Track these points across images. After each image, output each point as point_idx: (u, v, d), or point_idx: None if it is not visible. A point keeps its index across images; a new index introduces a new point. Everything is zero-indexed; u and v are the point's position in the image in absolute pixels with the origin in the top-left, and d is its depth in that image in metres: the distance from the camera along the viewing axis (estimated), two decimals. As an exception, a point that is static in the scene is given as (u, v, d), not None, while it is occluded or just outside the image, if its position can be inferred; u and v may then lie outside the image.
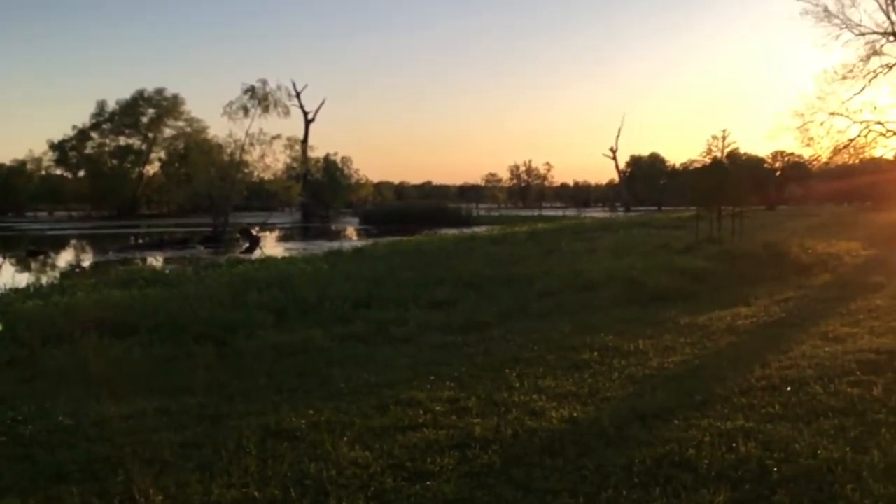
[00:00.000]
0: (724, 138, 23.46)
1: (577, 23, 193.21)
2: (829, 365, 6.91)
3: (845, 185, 66.50)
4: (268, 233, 50.19)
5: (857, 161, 44.75)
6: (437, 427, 5.44)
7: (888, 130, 38.71)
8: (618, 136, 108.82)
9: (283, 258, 22.20)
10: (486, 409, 5.92)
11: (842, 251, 19.15)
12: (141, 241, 42.61)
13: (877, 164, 48.22)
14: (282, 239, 47.34)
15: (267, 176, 48.33)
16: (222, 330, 9.38)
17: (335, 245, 30.81)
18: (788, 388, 6.09)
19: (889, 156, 44.92)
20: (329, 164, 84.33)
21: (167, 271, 18.96)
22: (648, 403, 5.84)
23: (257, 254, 31.19)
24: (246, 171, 46.31)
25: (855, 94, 38.33)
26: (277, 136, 45.98)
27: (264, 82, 45.23)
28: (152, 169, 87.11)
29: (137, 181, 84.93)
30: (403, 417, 5.70)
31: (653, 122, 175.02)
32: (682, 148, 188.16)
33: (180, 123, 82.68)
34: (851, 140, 39.31)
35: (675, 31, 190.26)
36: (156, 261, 29.66)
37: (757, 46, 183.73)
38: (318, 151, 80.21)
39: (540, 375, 7.01)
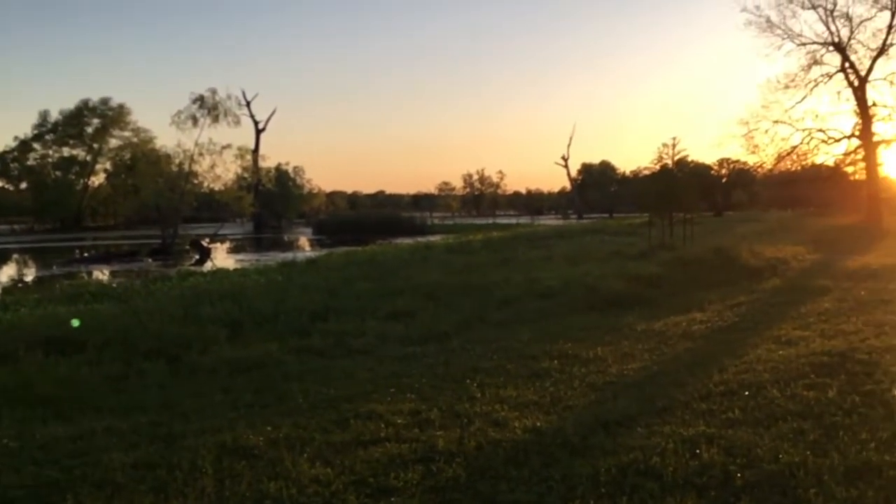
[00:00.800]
0: (674, 146, 23.88)
1: (527, 33, 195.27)
2: (784, 368, 7.02)
3: (788, 191, 68.16)
4: (218, 244, 49.31)
5: (799, 168, 45.93)
6: (400, 441, 5.35)
7: (829, 138, 39.89)
8: (569, 145, 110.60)
9: (236, 270, 21.82)
10: (448, 420, 5.84)
11: (789, 255, 19.63)
12: (87, 254, 41.48)
13: (818, 171, 49.55)
14: (233, 250, 46.62)
15: (217, 186, 47.54)
16: (174, 345, 9.10)
17: (289, 256, 30.43)
18: (746, 393, 6.16)
19: (830, 162, 46.18)
20: (281, 173, 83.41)
21: (115, 285, 18.45)
22: (611, 411, 5.84)
23: (208, 266, 30.65)
24: (195, 181, 45.52)
25: (797, 103, 39.43)
26: (228, 146, 45.30)
27: (213, 91, 44.60)
28: (98, 180, 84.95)
29: (82, 193, 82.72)
30: (364, 432, 5.60)
31: (603, 131, 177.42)
32: (632, 155, 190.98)
33: (127, 133, 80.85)
34: (794, 147, 40.41)
35: (623, 41, 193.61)
36: (102, 274, 28.93)
37: (704, 56, 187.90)
38: (269, 161, 79.18)
39: (501, 385, 6.97)
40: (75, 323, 10.11)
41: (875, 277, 14.42)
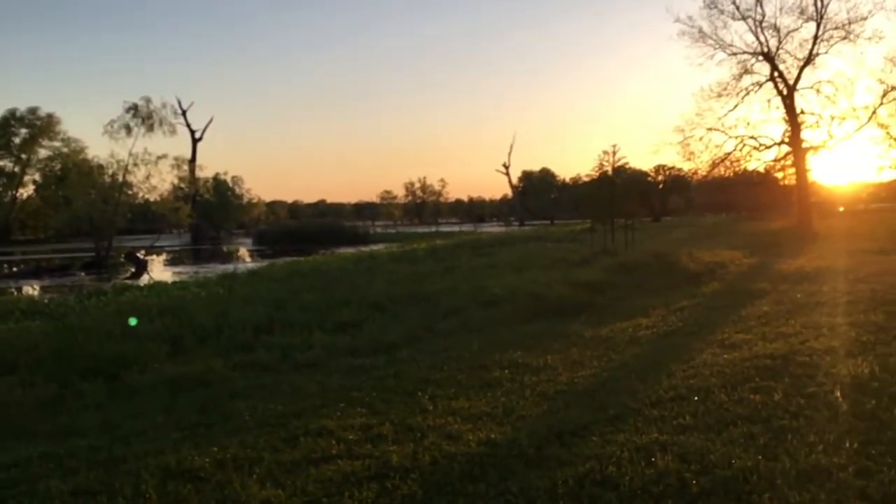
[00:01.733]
0: (614, 153, 24.27)
1: (466, 42, 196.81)
2: (730, 372, 7.13)
3: (722, 196, 70.14)
4: (155, 256, 48.10)
5: (732, 174, 47.22)
6: (352, 457, 5.23)
7: (761, 145, 41.14)
8: (510, 152, 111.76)
9: (175, 283, 21.24)
10: (401, 435, 5.75)
11: (726, 259, 20.13)
12: (15, 268, 39.80)
13: (749, 177, 51.01)
14: (170, 262, 45.46)
15: (153, 197, 46.25)
16: (112, 364, 8.76)
17: (229, 267, 29.82)
18: (696, 398, 6.23)
19: (761, 168, 47.61)
20: (219, 183, 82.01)
21: (47, 301, 17.76)
22: (564, 420, 5.83)
23: (145, 279, 29.80)
24: (130, 192, 44.18)
25: (729, 111, 40.59)
26: (163, 156, 44.16)
27: (148, 100, 43.39)
28: (26, 192, 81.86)
29: (10, 205, 79.53)
30: (315, 449, 5.46)
31: (543, 138, 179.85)
32: (571, 162, 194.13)
33: (56, 144, 78.05)
34: (728, 154, 41.55)
35: (562, 49, 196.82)
36: (33, 290, 27.74)
37: (641, 65, 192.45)
38: (207, 171, 77.85)
39: (453, 396, 6.90)
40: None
41: (809, 280, 14.87)
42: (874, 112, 40.46)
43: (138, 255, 40.03)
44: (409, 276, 17.32)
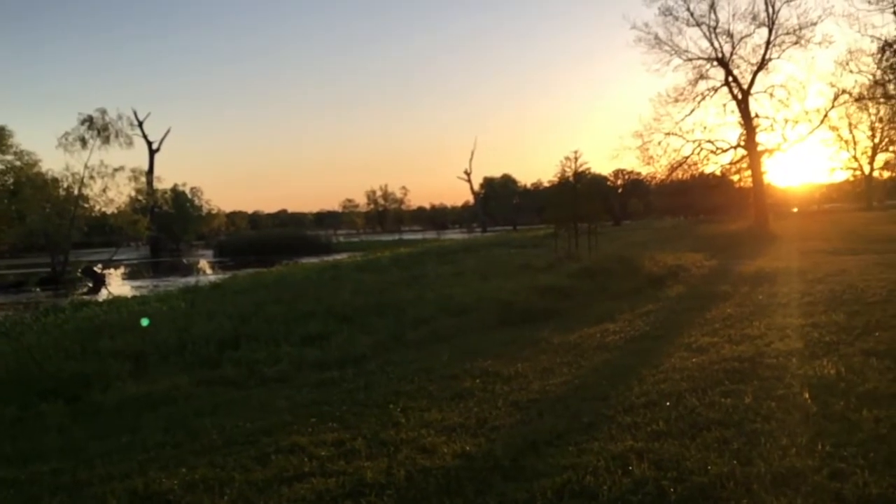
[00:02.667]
0: (576, 159, 24.45)
1: (426, 50, 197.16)
2: (700, 376, 7.17)
3: (680, 199, 71.24)
4: (112, 270, 47.17)
5: (689, 177, 47.95)
6: (326, 475, 5.13)
7: (718, 148, 41.90)
8: (471, 159, 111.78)
9: (135, 298, 20.82)
10: (374, 449, 5.66)
11: (688, 262, 20.37)
12: (-33, 286, 38.73)
13: (706, 180, 51.87)
14: (129, 276, 44.61)
15: (110, 210, 45.39)
16: (74, 384, 8.53)
17: (190, 280, 29.35)
18: (668, 403, 6.25)
19: (717, 171, 48.42)
20: (178, 195, 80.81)
21: (1, 319, 17.26)
22: (538, 430, 5.80)
23: (103, 294, 29.18)
24: (86, 205, 43.27)
25: (686, 115, 41.30)
26: (120, 168, 43.42)
27: (103, 112, 42.69)
28: (-23, 207, 79.69)
29: (-40, 221, 77.43)
30: (287, 467, 5.35)
31: (503, 145, 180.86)
32: (532, 168, 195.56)
33: (8, 157, 75.85)
34: (686, 158, 42.22)
35: (521, 56, 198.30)
36: (-14, 308, 26.98)
37: (600, 71, 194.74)
38: (165, 183, 76.73)
39: (425, 408, 6.83)
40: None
41: (770, 281, 15.11)
42: (826, 115, 41.51)
43: (96, 269, 39.26)
44: (375, 286, 17.20)
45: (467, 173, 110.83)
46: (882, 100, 40.68)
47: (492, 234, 68.77)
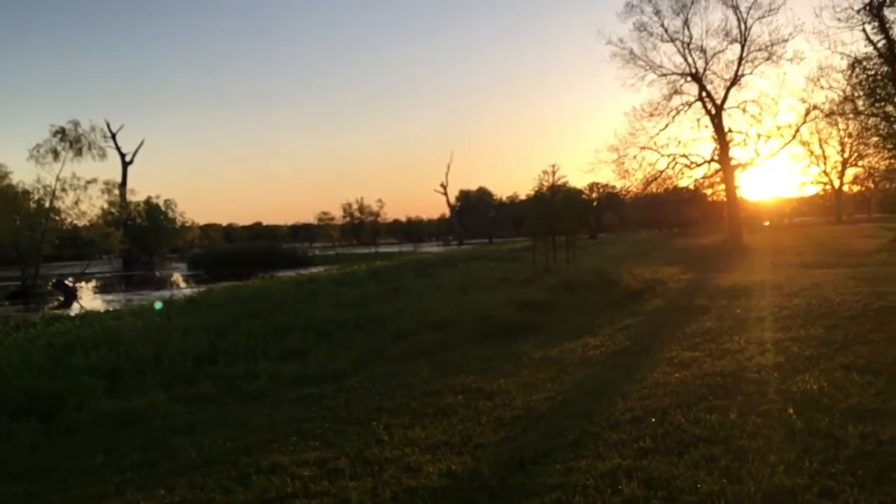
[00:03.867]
0: (553, 173, 24.55)
1: (400, 63, 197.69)
2: (683, 392, 7.16)
3: (655, 212, 71.86)
4: (84, 283, 46.44)
5: (662, 191, 48.36)
6: (309, 496, 5.03)
7: (692, 163, 42.29)
8: (447, 172, 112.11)
9: (108, 312, 20.44)
10: (358, 469, 5.56)
11: (665, 276, 20.44)
12: (-67, 300, 37.91)
13: (679, 194, 52.38)
14: (102, 290, 43.91)
15: (82, 223, 44.77)
16: (46, 402, 8.32)
17: (165, 294, 28.95)
18: (653, 419, 6.22)
19: (691, 185, 48.89)
20: (151, 207, 79.93)
21: (-30, 335, 16.83)
22: (524, 447, 5.74)
23: (75, 308, 28.67)
24: (57, 218, 42.64)
25: (661, 130, 41.66)
26: (93, 181, 42.89)
27: (76, 123, 42.25)
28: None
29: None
30: (269, 488, 5.24)
31: (479, 158, 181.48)
32: (508, 181, 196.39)
33: (-23, 170, 75.06)
34: (661, 172, 42.56)
35: (497, 69, 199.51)
36: (-47, 323, 26.37)
37: (576, 85, 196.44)
38: (139, 195, 75.84)
39: (408, 425, 6.74)
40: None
41: (747, 295, 15.20)
42: (797, 130, 42.11)
43: (67, 282, 38.63)
44: (353, 300, 17.08)
45: (443, 186, 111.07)
46: (851, 115, 41.30)
47: (468, 247, 68.81)
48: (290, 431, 6.81)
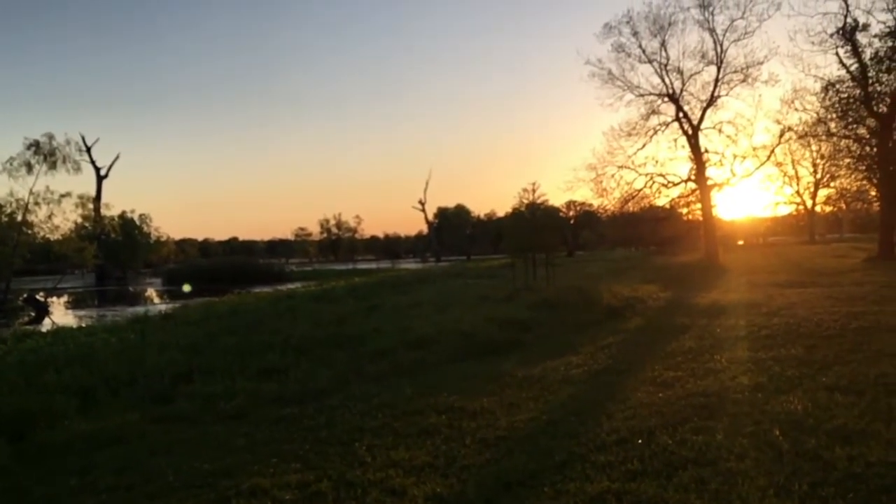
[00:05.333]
0: (534, 190, 24.62)
1: (379, 78, 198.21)
2: (668, 412, 7.12)
3: (631, 231, 72.37)
4: (56, 299, 45.68)
5: (639, 209, 48.81)
6: (291, 520, 4.89)
7: (669, 182, 42.72)
8: (426, 189, 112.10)
9: (81, 329, 20.05)
10: (341, 492, 5.44)
11: (644, 294, 20.53)
12: None
13: (655, 212, 52.89)
14: (74, 305, 43.23)
15: (55, 237, 44.05)
16: (17, 421, 8.04)
17: (139, 310, 28.51)
18: (639, 441, 6.16)
19: (667, 204, 49.33)
20: (126, 222, 78.98)
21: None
22: (510, 469, 5.65)
23: (47, 324, 28.15)
24: (30, 232, 41.94)
25: (639, 149, 42.13)
26: (67, 194, 42.27)
27: (50, 136, 41.62)
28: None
29: None
30: (250, 512, 5.09)
31: (457, 175, 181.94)
32: (485, 199, 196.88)
33: (-52, 182, 73.88)
34: (639, 190, 42.95)
35: (475, 87, 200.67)
36: (-80, 338, 25.72)
37: (554, 104, 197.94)
38: (113, 209, 74.83)
39: (391, 446, 6.63)
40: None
41: (726, 314, 15.29)
42: (772, 151, 42.76)
43: (39, 297, 37.95)
44: (332, 317, 16.91)
45: (422, 203, 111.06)
46: (824, 137, 42.07)
47: (446, 264, 68.74)
48: (271, 452, 6.66)
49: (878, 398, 7.01)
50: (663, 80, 41.16)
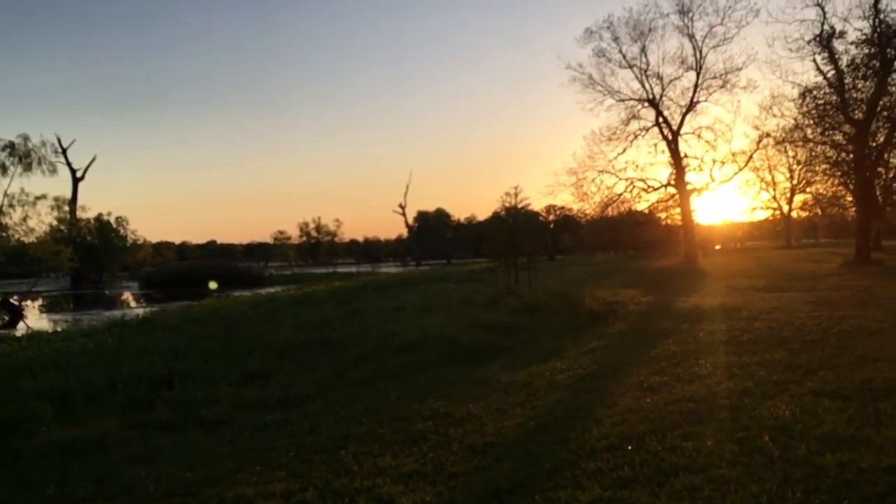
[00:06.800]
0: (516, 194, 24.63)
1: (359, 82, 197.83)
2: (656, 417, 7.08)
3: (610, 235, 72.85)
4: (31, 302, 44.99)
5: (617, 213, 49.09)
6: (277, 530, 4.77)
7: (649, 187, 43.00)
8: (406, 192, 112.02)
9: (57, 333, 19.71)
10: (328, 501, 5.33)
11: (626, 298, 20.58)
12: None
13: (634, 217, 53.23)
14: (49, 309, 42.55)
15: (30, 239, 43.47)
16: (-9, 429, 7.87)
17: (116, 314, 28.12)
18: (629, 447, 6.10)
19: (646, 209, 49.64)
20: (102, 224, 77.97)
21: None
22: (499, 477, 5.57)
23: (22, 328, 27.67)
24: (4, 234, 41.35)
25: (619, 154, 42.38)
26: (42, 197, 41.77)
27: (26, 138, 41.13)
28: None
29: None
30: (234, 522, 4.97)
31: (437, 178, 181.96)
32: (466, 203, 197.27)
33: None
34: (619, 195, 43.19)
35: (458, 90, 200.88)
36: None
37: (534, 108, 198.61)
38: (90, 212, 73.95)
39: (377, 453, 6.52)
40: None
41: (708, 318, 15.32)
42: (750, 157, 43.17)
43: (13, 301, 37.33)
44: (314, 321, 16.75)
45: (402, 206, 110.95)
46: (801, 143, 42.52)
47: (427, 268, 68.61)
48: (254, 460, 6.54)
49: (865, 403, 7.02)
50: (643, 86, 41.49)
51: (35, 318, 34.34)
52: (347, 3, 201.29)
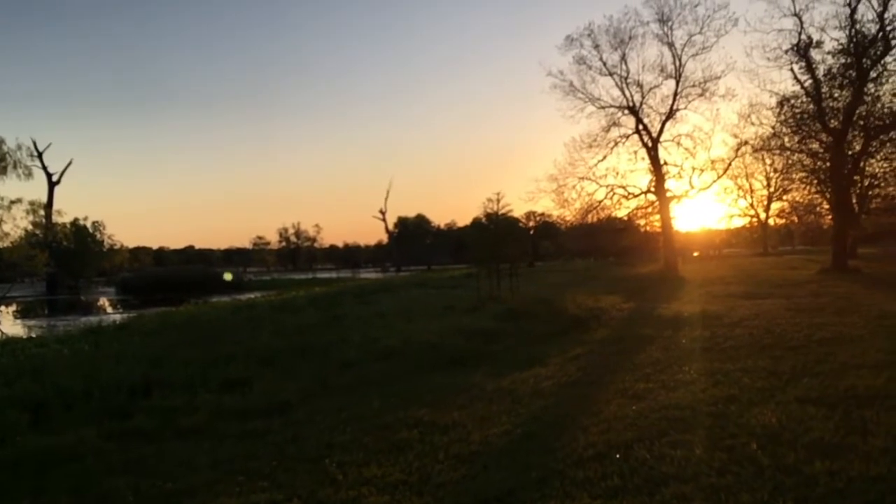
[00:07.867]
0: (498, 200, 24.61)
1: (339, 88, 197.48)
2: (643, 425, 7.04)
3: (590, 241, 73.17)
4: (4, 308, 44.25)
5: (597, 220, 49.27)
6: (261, 543, 4.66)
7: (629, 193, 43.20)
8: (386, 198, 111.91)
9: (32, 339, 19.35)
10: (313, 512, 5.22)
11: (608, 305, 20.62)
12: None
13: (613, 223, 53.49)
14: (24, 315, 41.84)
15: (5, 244, 42.72)
16: (-36, 438, 7.64)
17: (92, 320, 27.69)
18: (617, 455, 6.05)
19: (626, 216, 49.85)
20: (78, 229, 76.92)
21: None
22: (487, 486, 5.50)
23: (-5, 334, 27.15)
24: (-24, 239, 40.67)
25: (599, 161, 42.57)
26: (17, 201, 41.10)
27: (1, 141, 40.48)
28: None
29: None
30: (216, 534, 4.84)
31: (417, 184, 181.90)
32: (446, 209, 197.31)
33: None
34: (599, 202, 43.35)
35: (439, 97, 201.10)
36: None
37: (515, 115, 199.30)
38: (66, 216, 72.87)
39: (362, 463, 6.41)
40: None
41: (689, 325, 15.38)
42: (729, 164, 43.53)
43: (-15, 306, 36.66)
44: (295, 327, 16.58)
45: (382, 212, 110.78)
46: (778, 151, 42.95)
47: (407, 274, 68.47)
48: (236, 470, 6.40)
49: (851, 411, 7.02)
50: (623, 93, 41.74)
51: (9, 324, 33.72)
52: (328, 12, 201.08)
